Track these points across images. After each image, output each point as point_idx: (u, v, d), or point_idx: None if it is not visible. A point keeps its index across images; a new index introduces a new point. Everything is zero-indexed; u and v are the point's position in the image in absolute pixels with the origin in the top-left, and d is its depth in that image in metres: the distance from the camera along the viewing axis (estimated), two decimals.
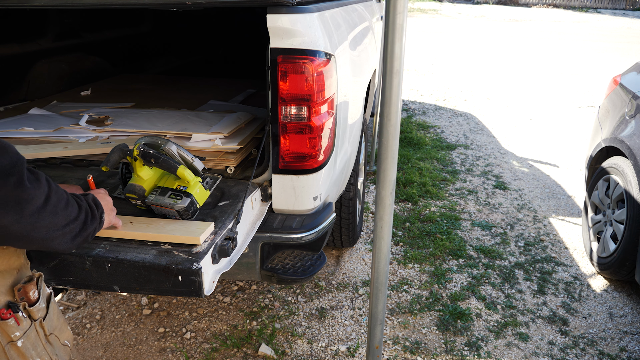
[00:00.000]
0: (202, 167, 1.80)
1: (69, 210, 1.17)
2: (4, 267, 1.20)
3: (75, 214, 1.19)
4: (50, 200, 1.10)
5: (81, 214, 1.21)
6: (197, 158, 1.80)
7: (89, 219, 1.24)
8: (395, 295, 2.97)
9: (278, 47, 1.87)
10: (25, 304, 1.21)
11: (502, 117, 6.80)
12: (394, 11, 1.56)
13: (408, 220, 3.83)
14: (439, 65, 10.38)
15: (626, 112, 3.23)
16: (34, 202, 1.06)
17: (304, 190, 2.06)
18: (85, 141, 2.41)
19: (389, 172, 1.76)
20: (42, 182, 1.10)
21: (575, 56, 11.80)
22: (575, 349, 2.62)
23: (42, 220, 1.09)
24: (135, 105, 3.05)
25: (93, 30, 4.01)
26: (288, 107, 1.93)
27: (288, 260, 2.26)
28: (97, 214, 1.28)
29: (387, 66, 1.63)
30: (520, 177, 4.79)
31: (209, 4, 1.96)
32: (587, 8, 24.42)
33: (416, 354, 2.55)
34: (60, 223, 1.14)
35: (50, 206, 1.10)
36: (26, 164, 1.07)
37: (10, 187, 1.01)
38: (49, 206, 1.10)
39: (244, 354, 2.51)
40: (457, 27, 17.03)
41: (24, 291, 1.22)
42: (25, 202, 1.04)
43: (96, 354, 2.49)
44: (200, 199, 1.76)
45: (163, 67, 4.82)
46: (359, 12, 3.07)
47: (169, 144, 1.73)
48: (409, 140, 5.64)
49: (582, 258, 3.44)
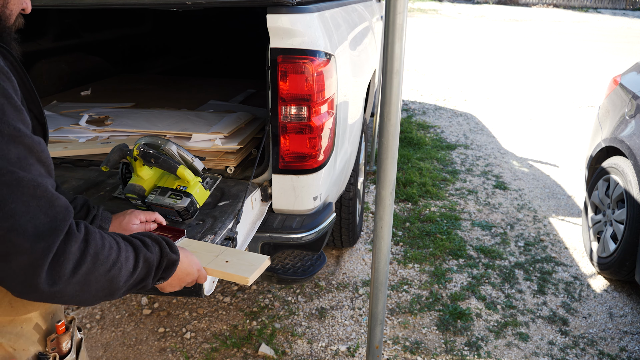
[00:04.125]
0: (202, 167, 1.80)
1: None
2: (43, 310, 1.08)
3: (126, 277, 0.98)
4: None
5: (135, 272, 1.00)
6: (197, 158, 1.80)
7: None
8: (395, 295, 2.97)
9: (278, 47, 1.87)
10: (56, 354, 1.09)
11: (502, 117, 6.80)
12: (394, 11, 1.56)
13: (408, 220, 3.83)
14: (439, 65, 10.38)
15: (626, 112, 3.23)
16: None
17: (304, 190, 2.06)
18: (85, 141, 2.41)
19: (388, 172, 1.76)
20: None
21: (575, 56, 11.80)
22: (575, 349, 2.62)
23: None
24: (135, 105, 3.05)
25: (93, 30, 4.01)
26: (288, 107, 1.93)
27: (288, 260, 2.27)
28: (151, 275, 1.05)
29: (387, 66, 1.64)
30: (520, 177, 4.79)
31: (209, 4, 1.96)
32: (587, 8, 24.42)
33: (416, 354, 2.54)
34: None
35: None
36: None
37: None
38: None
39: (244, 354, 2.51)
40: (457, 27, 17.02)
41: (57, 342, 1.10)
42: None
43: (96, 354, 2.49)
44: (200, 199, 1.75)
45: (163, 67, 4.82)
46: (359, 12, 3.07)
47: (169, 143, 1.73)
48: (409, 140, 5.64)
49: (582, 258, 3.44)
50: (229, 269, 1.34)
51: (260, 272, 1.37)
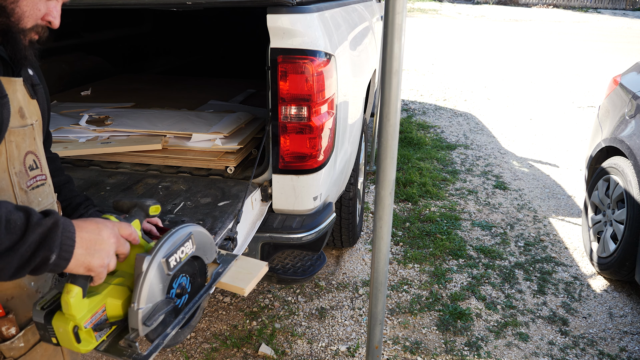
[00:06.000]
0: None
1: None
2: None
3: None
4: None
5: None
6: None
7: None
8: (395, 295, 2.97)
9: (278, 47, 1.87)
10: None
11: (502, 117, 6.80)
12: (393, 11, 1.56)
13: (408, 220, 3.83)
14: (439, 65, 10.38)
15: (626, 112, 3.23)
16: None
17: (304, 190, 2.06)
18: (85, 141, 2.41)
19: (388, 172, 1.76)
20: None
21: (575, 56, 11.80)
22: (575, 349, 2.62)
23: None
24: (135, 105, 3.05)
25: (93, 30, 4.01)
26: (288, 107, 1.93)
27: (288, 260, 2.27)
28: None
29: (386, 66, 1.63)
30: (520, 177, 4.79)
31: (209, 4, 1.96)
32: (587, 8, 24.41)
33: (416, 354, 2.55)
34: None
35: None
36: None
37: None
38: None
39: (244, 354, 2.51)
40: (457, 27, 17.02)
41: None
42: None
43: (96, 354, 2.49)
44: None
45: (163, 67, 4.82)
46: (359, 12, 3.07)
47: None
48: (409, 140, 5.64)
49: (582, 258, 3.44)
50: (226, 278, 1.33)
51: (257, 280, 1.36)
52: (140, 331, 1.04)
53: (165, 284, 1.08)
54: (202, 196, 2.02)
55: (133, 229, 1.09)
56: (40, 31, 1.04)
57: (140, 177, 2.22)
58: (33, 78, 1.16)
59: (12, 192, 1.06)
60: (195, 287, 1.21)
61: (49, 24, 1.05)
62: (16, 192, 1.07)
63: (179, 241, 1.11)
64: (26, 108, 1.09)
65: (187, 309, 1.17)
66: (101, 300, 1.05)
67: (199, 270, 1.22)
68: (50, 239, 0.90)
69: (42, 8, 1.02)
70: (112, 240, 1.00)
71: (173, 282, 1.12)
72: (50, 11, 1.04)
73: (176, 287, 1.13)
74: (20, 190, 1.08)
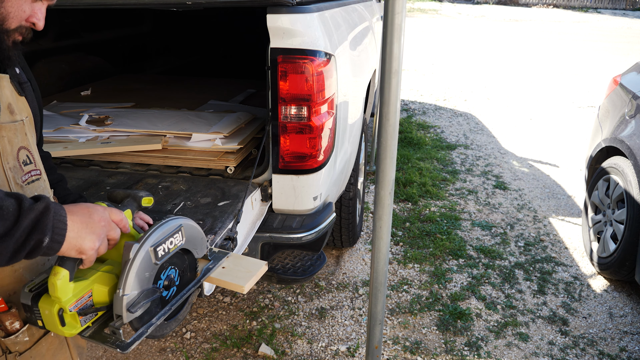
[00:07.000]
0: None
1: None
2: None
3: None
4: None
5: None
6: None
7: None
8: (395, 295, 2.97)
9: (278, 47, 1.87)
10: (2, 332, 1.07)
11: (502, 117, 6.80)
12: (392, 11, 1.56)
13: (408, 220, 3.83)
14: (439, 65, 10.38)
15: (626, 112, 3.23)
16: None
17: (304, 190, 2.06)
18: (85, 141, 2.41)
19: (387, 172, 1.76)
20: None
21: (575, 56, 11.80)
22: (575, 349, 2.62)
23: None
24: (135, 105, 3.05)
25: (93, 30, 4.01)
26: (288, 107, 1.93)
27: (288, 260, 2.27)
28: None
29: (385, 66, 1.64)
30: (520, 177, 4.79)
31: (209, 4, 1.96)
32: (587, 8, 24.41)
33: (416, 354, 2.55)
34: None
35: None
36: None
37: None
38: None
39: (244, 354, 2.51)
40: (457, 27, 17.02)
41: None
42: None
43: (96, 354, 2.49)
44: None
45: (163, 67, 4.83)
46: (359, 12, 3.07)
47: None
48: (409, 140, 5.64)
49: (582, 258, 3.44)
50: (225, 276, 1.33)
51: (257, 278, 1.36)
52: (124, 317, 1.05)
53: (152, 272, 1.09)
54: (202, 196, 2.02)
55: (124, 216, 1.10)
56: (24, 32, 1.05)
57: (140, 177, 2.22)
58: (20, 76, 1.17)
59: (7, 188, 1.07)
60: (184, 280, 1.23)
61: (33, 25, 1.04)
62: (12, 187, 1.08)
63: (168, 232, 1.12)
64: (15, 104, 1.10)
65: (174, 300, 1.19)
66: (88, 285, 1.06)
67: (189, 265, 1.24)
68: (42, 222, 0.92)
69: (27, 9, 1.02)
70: (102, 223, 1.01)
71: (161, 272, 1.13)
72: (35, 13, 1.04)
73: (164, 278, 1.15)
74: (16, 185, 1.09)
